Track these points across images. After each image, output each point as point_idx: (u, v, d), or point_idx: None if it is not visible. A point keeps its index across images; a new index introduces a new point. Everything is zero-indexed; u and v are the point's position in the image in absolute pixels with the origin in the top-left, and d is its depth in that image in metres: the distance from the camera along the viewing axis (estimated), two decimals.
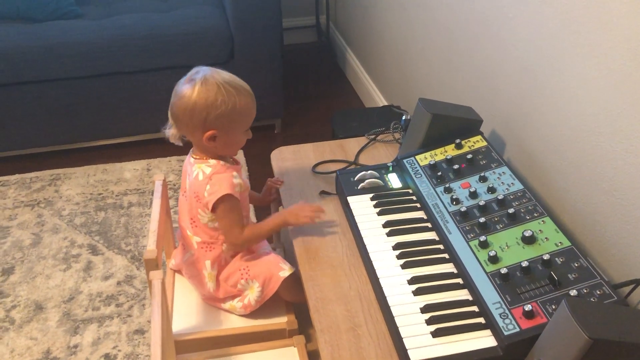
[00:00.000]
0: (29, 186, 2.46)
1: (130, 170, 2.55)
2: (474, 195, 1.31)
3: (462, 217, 1.27)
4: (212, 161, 1.34)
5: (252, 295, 1.37)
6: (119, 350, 1.76)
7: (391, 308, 1.12)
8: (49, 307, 1.91)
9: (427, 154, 1.48)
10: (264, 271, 1.37)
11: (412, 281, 1.18)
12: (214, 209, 1.32)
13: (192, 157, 1.37)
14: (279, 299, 1.43)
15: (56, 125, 2.55)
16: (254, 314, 1.41)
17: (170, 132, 1.35)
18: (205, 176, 1.32)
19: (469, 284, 1.14)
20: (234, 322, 1.41)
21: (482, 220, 1.23)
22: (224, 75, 1.29)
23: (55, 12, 2.52)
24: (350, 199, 1.41)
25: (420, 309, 1.12)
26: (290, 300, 1.43)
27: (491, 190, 1.31)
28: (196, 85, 1.25)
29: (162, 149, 2.64)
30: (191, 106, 1.26)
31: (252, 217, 2.22)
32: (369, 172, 1.48)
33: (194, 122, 1.28)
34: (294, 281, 1.36)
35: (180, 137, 1.36)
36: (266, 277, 1.36)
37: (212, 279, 1.39)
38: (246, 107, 1.30)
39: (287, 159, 1.68)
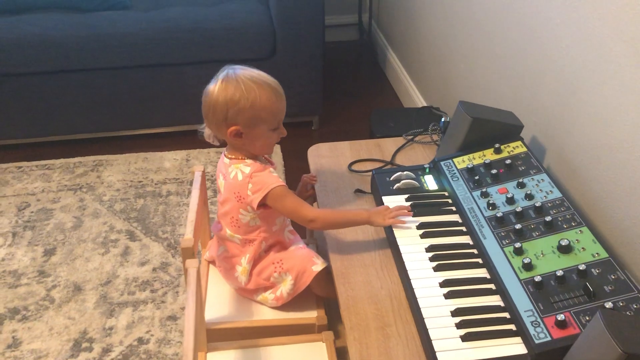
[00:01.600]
0: (73, 171, 2.54)
1: (170, 159, 2.61)
2: (510, 201, 1.30)
3: (498, 223, 1.26)
4: (249, 160, 1.35)
5: (284, 287, 1.39)
6: (152, 335, 1.81)
7: (422, 310, 1.12)
8: (87, 289, 1.97)
9: (465, 157, 1.47)
10: (297, 264, 1.38)
11: (444, 284, 1.18)
12: (263, 206, 1.33)
13: (227, 157, 1.39)
14: (309, 294, 1.45)
15: (101, 112, 2.62)
16: (284, 307, 1.43)
17: (205, 131, 1.39)
18: (245, 175, 1.33)
19: (501, 290, 1.13)
20: (264, 314, 1.44)
21: (518, 226, 1.22)
22: (251, 72, 1.30)
23: (104, 2, 2.60)
24: (385, 199, 1.42)
25: (451, 312, 1.11)
26: (322, 294, 1.45)
27: (529, 197, 1.30)
28: (218, 82, 1.28)
29: (202, 140, 2.65)
30: (213, 103, 1.28)
31: None
32: (405, 172, 1.48)
33: (217, 119, 1.30)
34: (326, 276, 1.37)
35: (214, 136, 1.39)
36: (299, 270, 1.38)
37: (245, 273, 1.41)
38: (268, 103, 1.28)
39: (323, 155, 1.70)
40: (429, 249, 1.27)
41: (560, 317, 1.02)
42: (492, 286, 1.17)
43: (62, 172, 2.53)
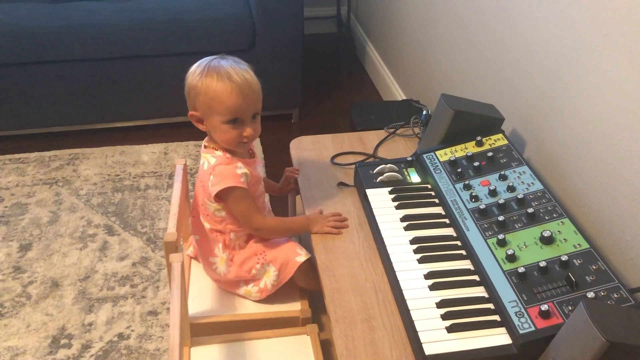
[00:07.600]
0: (48, 164, 2.48)
1: (148, 153, 2.57)
2: (493, 193, 1.31)
3: (481, 215, 1.27)
4: (219, 152, 1.34)
5: (268, 279, 1.39)
6: (132, 330, 1.79)
7: (407, 301, 1.13)
8: (64, 284, 1.94)
9: (447, 150, 1.48)
10: (280, 255, 1.38)
11: (428, 276, 1.18)
12: (220, 200, 1.34)
13: (204, 144, 1.39)
14: (293, 287, 1.45)
15: (76, 105, 2.57)
16: (268, 300, 1.43)
17: None
18: (209, 166, 1.34)
19: (485, 282, 1.15)
20: (248, 308, 1.43)
21: (500, 218, 1.23)
22: (229, 64, 1.28)
23: None
24: (368, 191, 1.42)
25: (436, 303, 1.12)
26: (305, 287, 1.45)
27: (511, 189, 1.31)
28: (193, 65, 1.32)
29: (180, 133, 2.65)
30: (185, 84, 1.32)
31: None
32: (388, 165, 1.48)
33: (187, 100, 1.33)
34: (310, 267, 1.37)
35: None
36: (283, 261, 1.37)
37: (223, 263, 1.40)
38: (220, 93, 1.24)
39: (306, 148, 1.69)
40: (413, 241, 1.27)
41: (544, 307, 1.03)
42: (476, 277, 1.18)
43: (37, 165, 2.48)
